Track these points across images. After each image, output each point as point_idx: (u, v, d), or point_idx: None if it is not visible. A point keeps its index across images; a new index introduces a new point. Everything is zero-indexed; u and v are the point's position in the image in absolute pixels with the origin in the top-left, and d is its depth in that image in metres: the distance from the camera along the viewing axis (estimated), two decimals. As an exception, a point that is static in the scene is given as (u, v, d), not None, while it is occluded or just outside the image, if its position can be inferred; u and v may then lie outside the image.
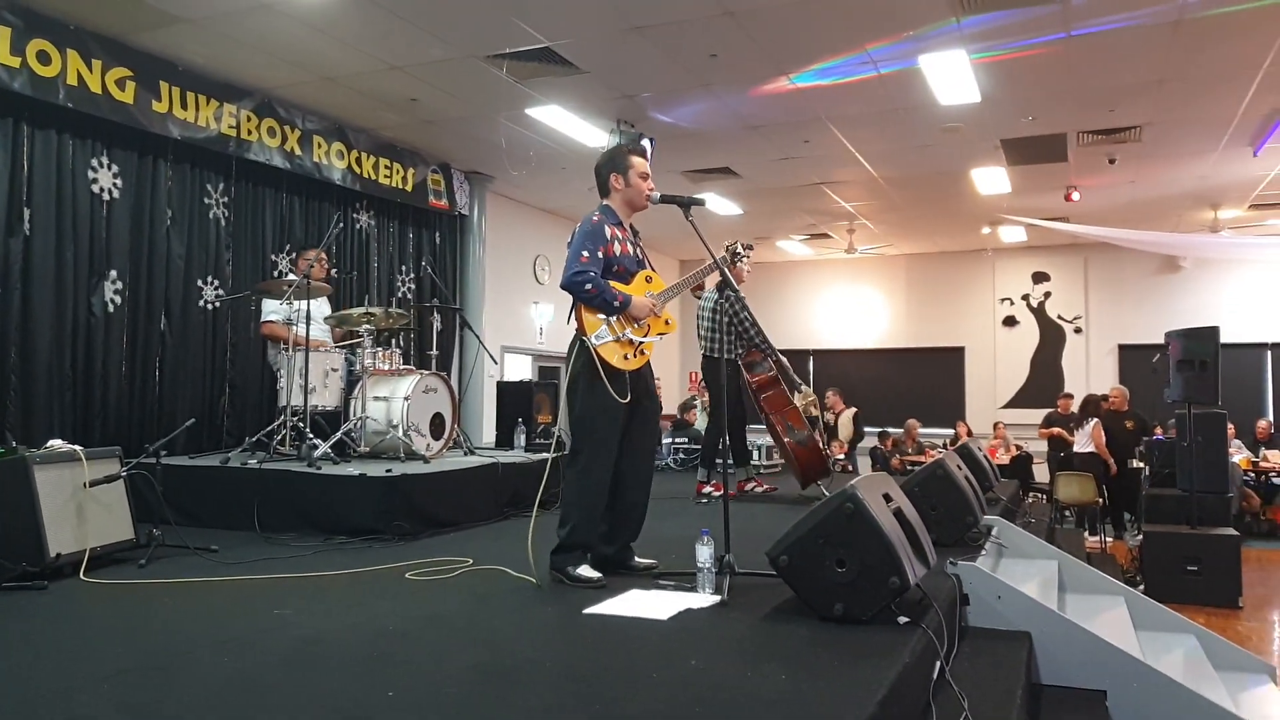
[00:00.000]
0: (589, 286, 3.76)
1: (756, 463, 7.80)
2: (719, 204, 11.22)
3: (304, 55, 6.63)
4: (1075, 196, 10.44)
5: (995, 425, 13.08)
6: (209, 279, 7.17)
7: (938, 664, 3.12)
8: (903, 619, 3.17)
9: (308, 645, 2.97)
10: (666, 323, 4.04)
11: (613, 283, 3.86)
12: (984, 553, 4.74)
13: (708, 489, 6.55)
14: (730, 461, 6.64)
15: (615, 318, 3.83)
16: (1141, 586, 7.61)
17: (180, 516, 5.53)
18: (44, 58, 5.85)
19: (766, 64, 6.80)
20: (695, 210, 3.99)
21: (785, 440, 6.34)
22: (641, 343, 3.91)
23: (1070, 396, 11.86)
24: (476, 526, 5.53)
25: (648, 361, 4.00)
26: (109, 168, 6.47)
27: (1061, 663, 3.77)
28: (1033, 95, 7.50)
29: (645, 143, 7.97)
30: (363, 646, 2.95)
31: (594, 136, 8.08)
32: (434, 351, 7.02)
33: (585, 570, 3.81)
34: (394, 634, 3.12)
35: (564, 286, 3.82)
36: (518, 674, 2.67)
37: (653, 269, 4.12)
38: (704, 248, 4.03)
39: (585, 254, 3.80)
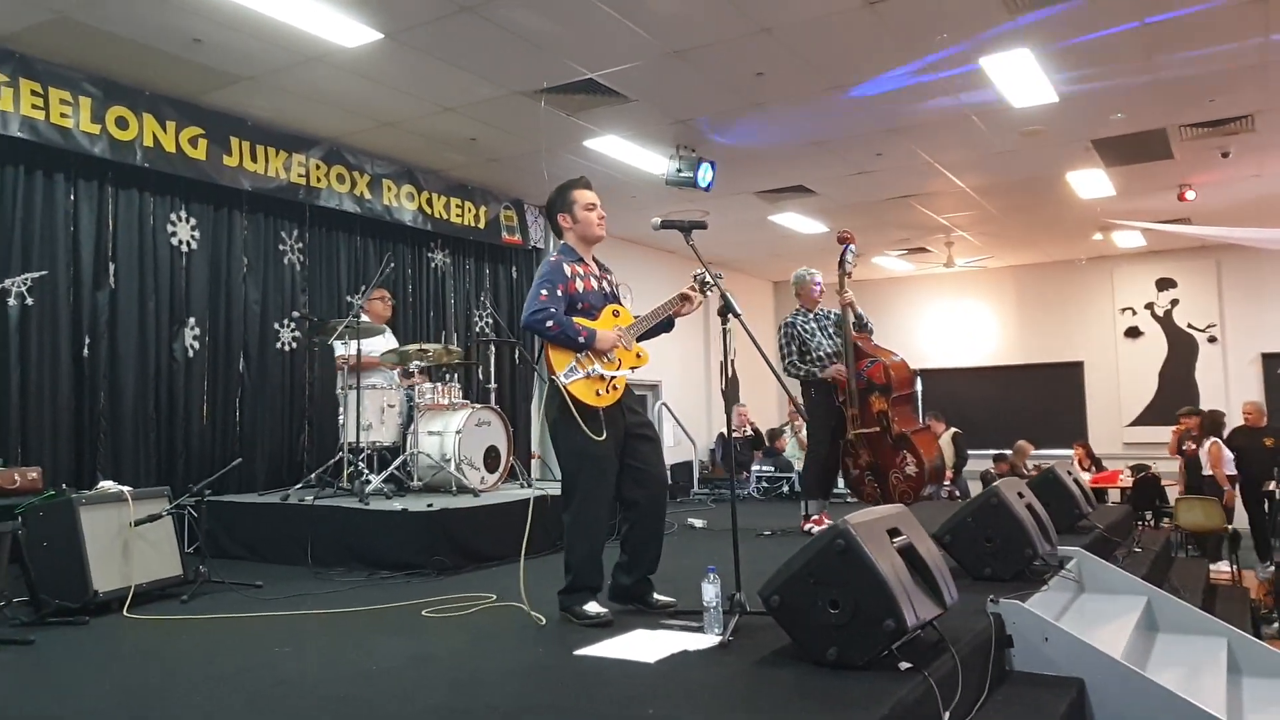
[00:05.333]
0: (550, 324, 3.71)
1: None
2: (802, 223, 10.98)
3: (359, 103, 6.83)
4: (1190, 195, 9.74)
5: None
6: (285, 322, 7.44)
7: (947, 714, 2.89)
8: (904, 665, 2.95)
9: (280, 685, 3.00)
10: (638, 355, 3.97)
11: (577, 319, 3.81)
12: (1046, 588, 4.40)
13: (809, 526, 6.15)
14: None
15: (583, 354, 3.76)
16: (1277, 624, 6.97)
17: (244, 551, 5.79)
18: (122, 123, 6.22)
19: (816, 78, 6.61)
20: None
21: None
22: (613, 378, 3.83)
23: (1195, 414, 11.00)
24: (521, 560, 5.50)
25: (626, 395, 3.92)
26: (187, 221, 6.82)
27: (1119, 713, 3.42)
28: (1117, 91, 7.04)
29: (705, 166, 7.86)
30: (333, 687, 2.96)
31: (655, 163, 8.04)
32: (492, 385, 7.08)
33: (592, 607, 3.74)
34: (374, 674, 3.10)
35: (524, 326, 3.80)
36: (465, 717, 2.61)
37: (620, 303, 4.06)
38: (707, 272, 3.92)
39: (544, 292, 3.77)
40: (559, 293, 3.78)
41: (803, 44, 6.05)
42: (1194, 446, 10.38)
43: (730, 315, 3.81)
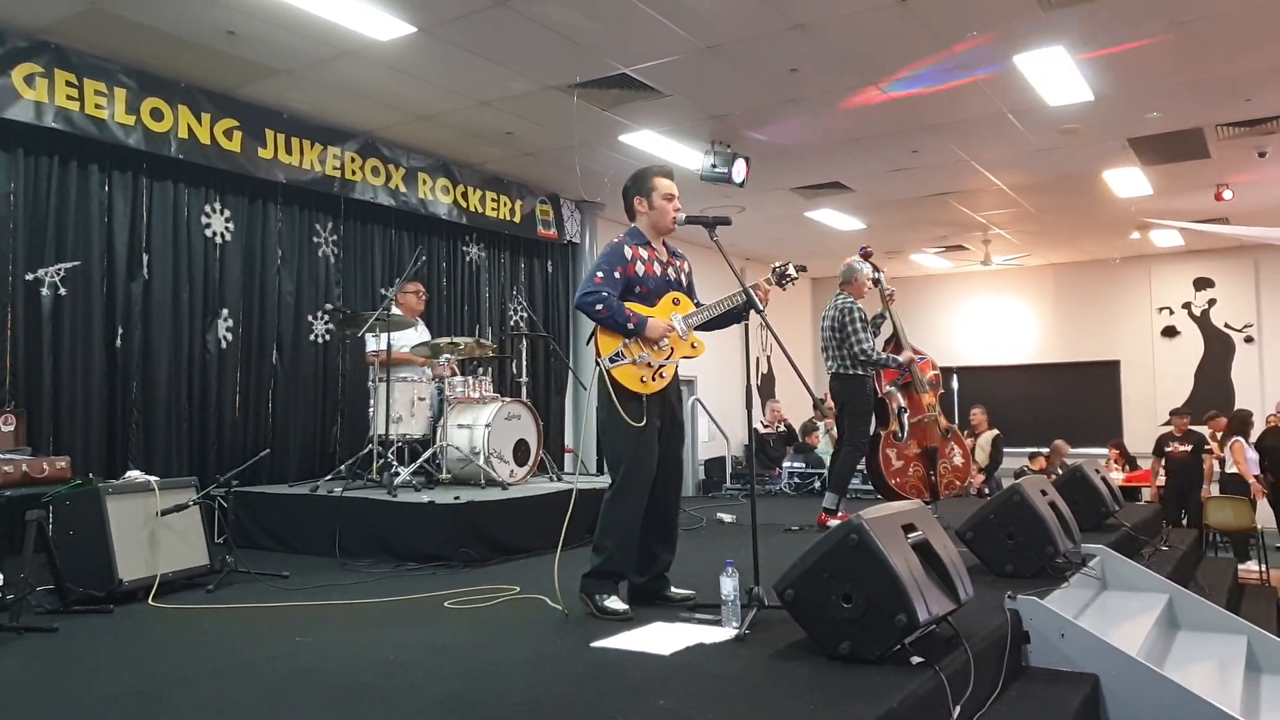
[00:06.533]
0: (599, 307, 3.71)
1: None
2: (838, 219, 10.94)
3: (395, 96, 6.88)
4: (1227, 195, 9.57)
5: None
6: (319, 314, 7.52)
7: (957, 709, 2.88)
8: (916, 659, 2.94)
9: (299, 674, 3.04)
10: (693, 345, 3.94)
11: (633, 304, 3.80)
12: (1067, 585, 4.37)
13: (834, 522, 5.98)
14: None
15: (632, 339, 3.76)
16: (1307, 623, 6.85)
17: (272, 542, 5.86)
18: (157, 114, 6.30)
19: (850, 75, 6.57)
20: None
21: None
22: (661, 365, 3.82)
23: (1185, 415, 10.77)
24: (550, 553, 5.51)
25: (671, 385, 3.90)
26: (221, 213, 6.90)
27: (1133, 710, 3.41)
28: (1152, 89, 6.93)
29: (740, 162, 7.83)
30: (351, 676, 2.99)
31: (690, 158, 8.02)
32: (524, 379, 7.11)
33: (613, 602, 3.75)
34: (390, 664, 3.14)
35: (576, 307, 3.84)
36: (479, 708, 2.65)
37: (686, 291, 4.03)
38: (730, 268, 3.90)
39: (600, 275, 3.78)
40: (615, 275, 3.78)
41: (836, 40, 6.02)
42: (1180, 448, 10.16)
43: (752, 311, 3.82)
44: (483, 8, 5.49)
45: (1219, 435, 10.36)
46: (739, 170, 7.95)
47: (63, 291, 5.98)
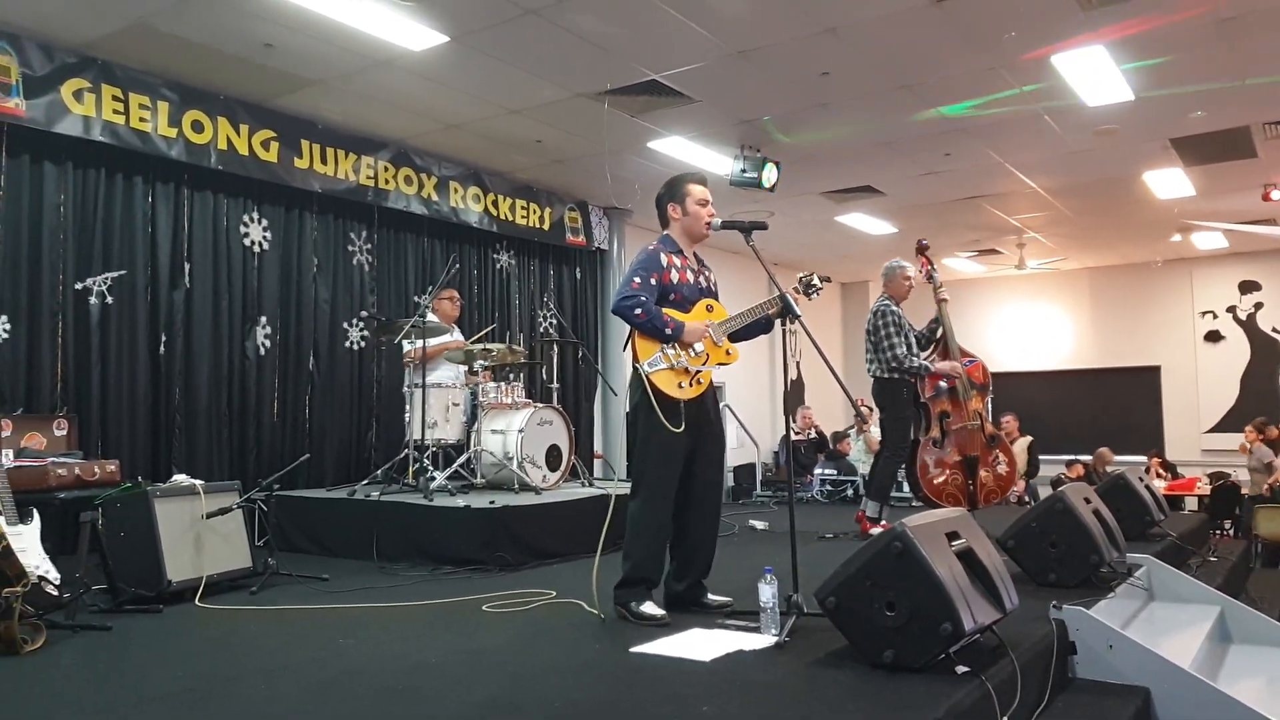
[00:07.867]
0: (638, 311, 3.72)
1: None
2: (869, 223, 10.88)
3: (426, 106, 6.94)
4: (1275, 195, 9.42)
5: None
6: (354, 321, 7.59)
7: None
8: (961, 669, 2.91)
9: (344, 675, 3.06)
10: (727, 353, 3.94)
11: (669, 310, 3.80)
12: (1113, 595, 4.30)
13: (876, 530, 5.93)
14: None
15: (670, 345, 3.75)
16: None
17: (311, 546, 5.92)
18: (198, 126, 6.41)
19: (881, 78, 6.54)
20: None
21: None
22: (698, 371, 3.81)
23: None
24: (584, 558, 5.53)
25: (708, 391, 3.90)
26: (259, 222, 7.00)
27: (1186, 725, 3.34)
28: (1195, 88, 6.83)
29: (770, 167, 7.81)
30: (394, 678, 3.01)
31: (720, 164, 8.00)
32: (554, 385, 7.13)
33: (649, 607, 3.73)
34: (431, 666, 3.16)
35: (614, 311, 3.84)
36: (519, 711, 2.65)
37: (716, 299, 4.04)
38: (766, 273, 3.90)
39: (637, 280, 3.78)
40: (651, 281, 3.79)
41: (869, 43, 6.00)
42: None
43: (790, 318, 3.80)
44: (514, 16, 5.52)
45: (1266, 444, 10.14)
46: (769, 175, 7.93)
47: (109, 300, 6.10)
